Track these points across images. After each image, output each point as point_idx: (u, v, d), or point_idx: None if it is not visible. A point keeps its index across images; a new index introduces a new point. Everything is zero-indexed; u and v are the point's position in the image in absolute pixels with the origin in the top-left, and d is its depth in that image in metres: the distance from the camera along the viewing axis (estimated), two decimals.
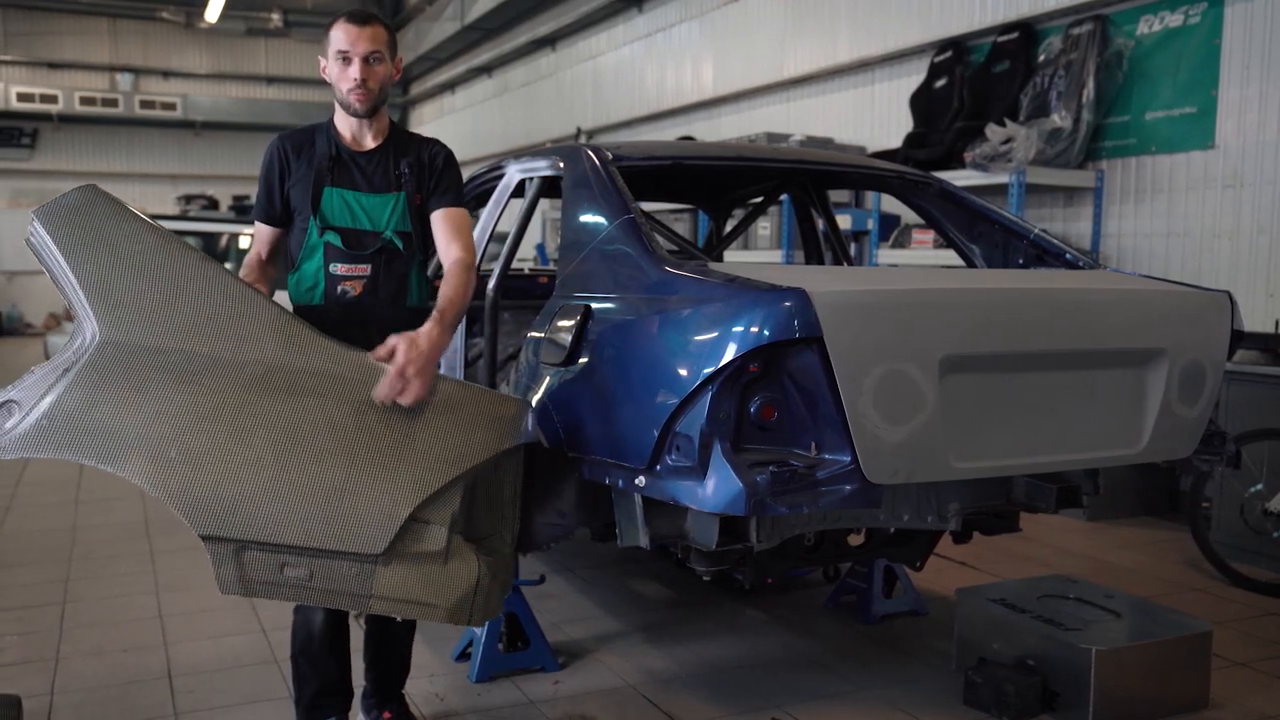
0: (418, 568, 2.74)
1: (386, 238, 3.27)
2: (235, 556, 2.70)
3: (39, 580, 5.30)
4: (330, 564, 2.71)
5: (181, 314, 2.80)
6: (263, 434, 2.70)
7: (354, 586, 2.74)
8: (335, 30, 3.21)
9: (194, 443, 2.70)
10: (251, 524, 2.67)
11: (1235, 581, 5.24)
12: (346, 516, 2.68)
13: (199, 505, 2.67)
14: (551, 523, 3.71)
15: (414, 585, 2.75)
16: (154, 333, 2.79)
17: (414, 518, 2.72)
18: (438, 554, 2.74)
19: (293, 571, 2.71)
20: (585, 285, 3.53)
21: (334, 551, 2.71)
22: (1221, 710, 3.83)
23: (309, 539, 2.68)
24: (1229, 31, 6.63)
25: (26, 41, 22.62)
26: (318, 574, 2.70)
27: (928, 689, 4.00)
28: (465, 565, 2.76)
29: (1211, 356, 3.61)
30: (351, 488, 2.69)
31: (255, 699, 3.88)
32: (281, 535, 2.68)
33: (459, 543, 2.77)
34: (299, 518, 2.67)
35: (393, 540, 2.69)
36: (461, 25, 18.43)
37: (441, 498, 2.74)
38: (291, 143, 3.31)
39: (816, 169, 4.75)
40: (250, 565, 2.71)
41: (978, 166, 7.26)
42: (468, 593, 2.75)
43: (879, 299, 3.04)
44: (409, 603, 2.77)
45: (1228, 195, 6.69)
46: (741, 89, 11.66)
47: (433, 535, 2.73)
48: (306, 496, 2.68)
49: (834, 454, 2.98)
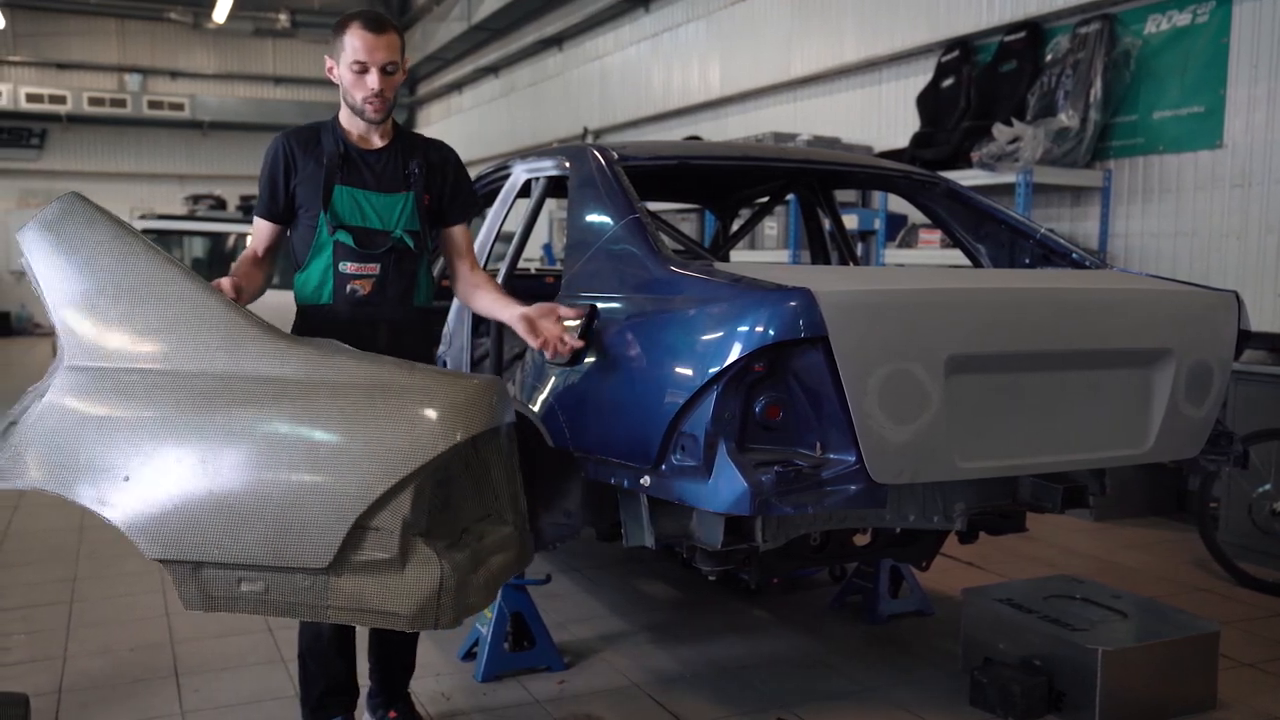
0: (372, 576, 2.62)
1: (397, 236, 3.28)
2: (194, 575, 2.66)
3: (46, 579, 5.31)
4: (284, 578, 2.63)
5: (139, 330, 2.74)
6: (209, 449, 2.62)
7: (310, 598, 2.65)
8: (350, 37, 3.14)
9: (142, 465, 2.64)
10: (200, 545, 2.61)
11: (1243, 581, 5.23)
12: (289, 531, 2.58)
13: (148, 531, 2.62)
14: (557, 522, 3.72)
15: (370, 594, 2.63)
16: (110, 354, 2.74)
17: (361, 525, 2.58)
18: (392, 561, 2.60)
19: (249, 586, 2.65)
20: (591, 285, 3.54)
21: (283, 568, 2.63)
22: (1229, 711, 3.82)
23: (255, 557, 2.60)
24: (1237, 30, 6.61)
25: (35, 42, 22.68)
26: (273, 588, 2.64)
27: (933, 689, 3.99)
28: (425, 569, 2.62)
29: (1219, 356, 3.60)
30: (293, 501, 2.58)
31: (261, 698, 3.89)
32: (229, 555, 2.61)
33: (417, 545, 2.63)
34: (243, 536, 2.59)
35: (338, 552, 2.58)
36: (468, 25, 18.44)
37: (391, 501, 2.58)
38: (297, 140, 3.30)
39: (823, 169, 4.74)
40: (209, 583, 2.66)
41: (985, 166, 7.25)
42: (429, 598, 2.62)
43: (885, 299, 3.03)
44: (367, 612, 2.66)
45: (1236, 195, 6.67)
46: (748, 89, 11.66)
47: (383, 542, 2.60)
48: (249, 513, 2.59)
49: (839, 454, 2.97)
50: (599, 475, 3.33)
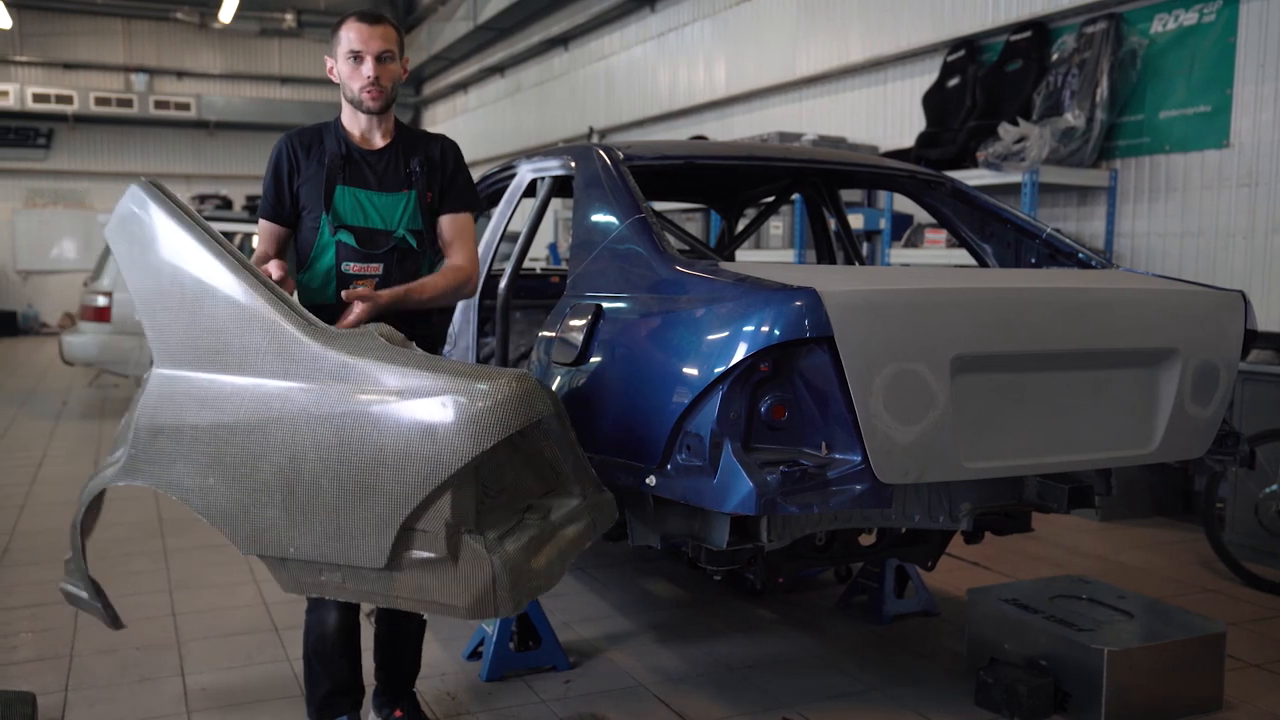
0: (429, 572, 2.71)
1: (399, 236, 3.29)
2: (283, 565, 2.86)
3: (54, 578, 5.30)
4: (353, 572, 2.78)
5: (202, 336, 2.91)
6: (269, 459, 2.78)
7: (380, 589, 2.79)
8: (346, 30, 3.23)
9: (225, 469, 2.84)
10: (278, 546, 2.81)
11: (1249, 582, 5.22)
12: (345, 534, 2.72)
13: (235, 530, 2.86)
14: None
15: (429, 588, 2.73)
16: (187, 357, 2.94)
17: (408, 527, 2.67)
18: (443, 558, 2.68)
19: (329, 577, 2.82)
20: (597, 285, 3.54)
21: (349, 565, 2.77)
22: (1235, 711, 3.81)
23: (325, 556, 2.76)
24: (1244, 29, 6.59)
25: (42, 42, 22.71)
26: (349, 579, 2.80)
27: (939, 689, 3.99)
28: (476, 565, 2.68)
29: (1225, 356, 3.60)
30: (344, 506, 2.71)
31: (267, 697, 3.89)
32: (301, 552, 2.79)
33: (465, 543, 2.67)
34: (308, 538, 2.76)
35: (390, 553, 2.69)
36: (474, 25, 18.44)
37: (431, 506, 2.65)
38: (300, 140, 3.32)
39: (828, 168, 4.74)
40: (296, 572, 2.86)
41: (990, 166, 7.24)
42: (484, 591, 2.68)
43: (890, 298, 3.03)
44: (428, 603, 2.77)
45: (1242, 194, 6.65)
46: (754, 88, 11.65)
47: (430, 542, 2.68)
48: (309, 517, 2.75)
49: (845, 454, 2.97)
50: (604, 475, 3.33)
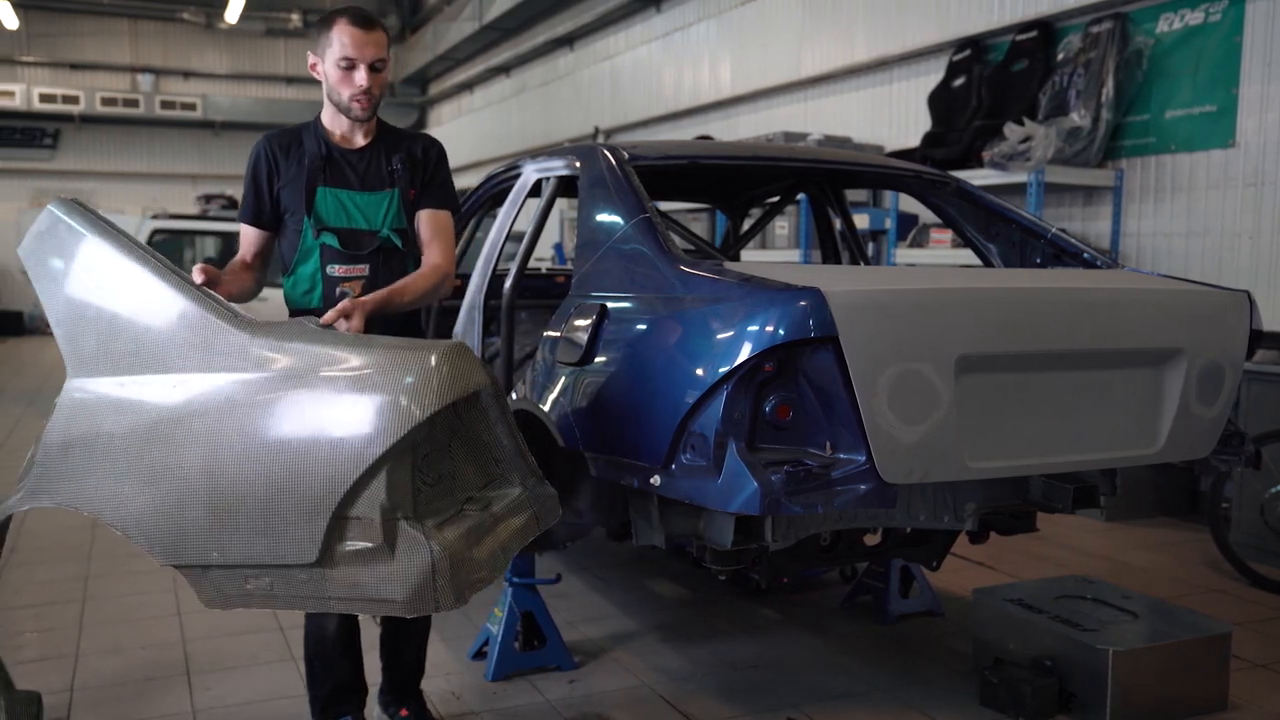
0: (364, 565, 2.58)
1: (384, 236, 3.26)
2: (205, 576, 2.69)
3: (58, 578, 5.34)
4: (285, 574, 2.63)
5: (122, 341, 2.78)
6: (191, 455, 2.63)
7: (311, 590, 2.64)
8: (339, 33, 3.15)
9: (140, 473, 2.68)
10: (201, 551, 2.64)
11: (1255, 582, 5.21)
12: (273, 530, 2.58)
13: (153, 538, 2.67)
14: (567, 521, 3.72)
15: (365, 582, 2.59)
16: (103, 364, 2.79)
17: (341, 516, 2.54)
18: (379, 548, 2.55)
19: (255, 584, 2.67)
20: (601, 285, 3.54)
21: (279, 566, 2.62)
22: (1240, 712, 3.80)
23: (249, 557, 2.61)
24: (1250, 29, 6.58)
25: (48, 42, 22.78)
26: (278, 584, 2.65)
27: (944, 689, 3.99)
28: (414, 553, 2.55)
29: (1230, 356, 3.59)
30: (270, 499, 2.56)
31: (272, 696, 3.90)
32: (229, 557, 2.63)
33: (403, 529, 2.55)
34: (234, 538, 2.61)
35: (322, 545, 2.55)
36: (480, 25, 18.46)
37: (365, 490, 2.52)
38: (279, 143, 3.28)
39: (833, 168, 4.74)
40: (220, 583, 2.69)
41: (996, 166, 7.24)
42: (424, 582, 2.55)
43: (895, 298, 3.03)
44: (364, 601, 2.63)
45: (1248, 194, 6.64)
46: (759, 88, 11.65)
47: (366, 530, 2.55)
48: (234, 515, 2.60)
49: (849, 453, 2.97)
50: (609, 475, 3.33)
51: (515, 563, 4.05)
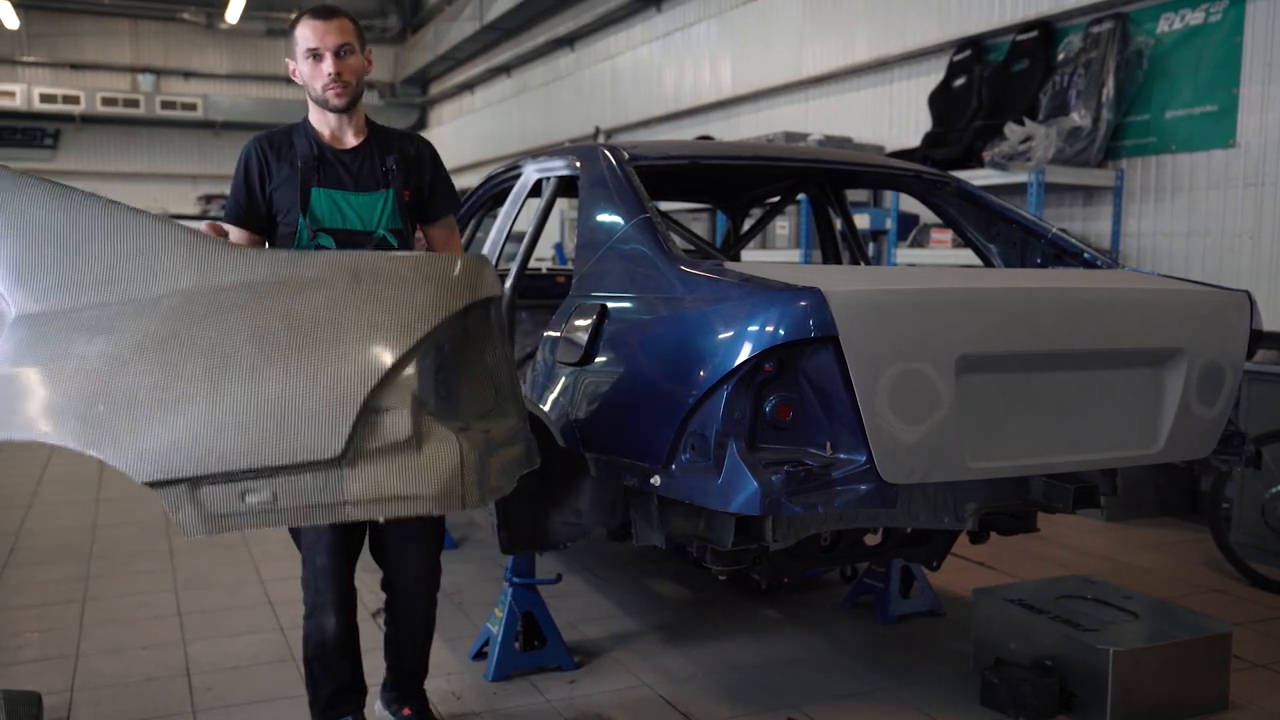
0: (389, 461, 2.50)
1: (380, 236, 3.25)
2: (191, 496, 2.51)
3: (59, 578, 5.34)
4: (293, 480, 2.50)
5: (90, 269, 2.65)
6: (191, 364, 2.51)
7: (325, 497, 2.52)
8: (301, 29, 3.17)
9: (121, 391, 2.52)
10: (198, 458, 2.48)
11: (1255, 582, 5.21)
12: (294, 426, 2.46)
13: (137, 454, 2.49)
14: (568, 521, 3.72)
15: (390, 480, 2.51)
16: (64, 295, 2.64)
17: (369, 408, 2.47)
18: (407, 441, 2.49)
19: (255, 497, 2.51)
20: (601, 285, 3.54)
21: (292, 466, 2.49)
22: (1241, 712, 3.80)
23: (261, 459, 2.47)
24: (1250, 29, 6.58)
25: (49, 43, 22.80)
26: (282, 493, 2.51)
27: (944, 689, 3.98)
28: (443, 446, 2.51)
29: (1230, 356, 3.59)
30: (293, 394, 2.47)
31: (272, 696, 3.90)
32: (232, 462, 2.47)
33: (430, 423, 2.52)
34: (246, 440, 2.47)
35: (349, 438, 2.46)
36: (480, 25, 18.48)
37: (395, 379, 2.49)
38: (270, 143, 3.26)
39: (834, 168, 4.74)
40: (209, 501, 2.51)
41: (996, 166, 7.24)
42: (453, 475, 2.51)
43: (895, 298, 3.03)
44: (389, 499, 2.53)
45: (1249, 194, 6.64)
46: (760, 88, 11.65)
47: (396, 423, 2.48)
48: (248, 416, 2.47)
49: (849, 454, 2.97)
50: (609, 475, 3.33)
51: (515, 563, 4.06)
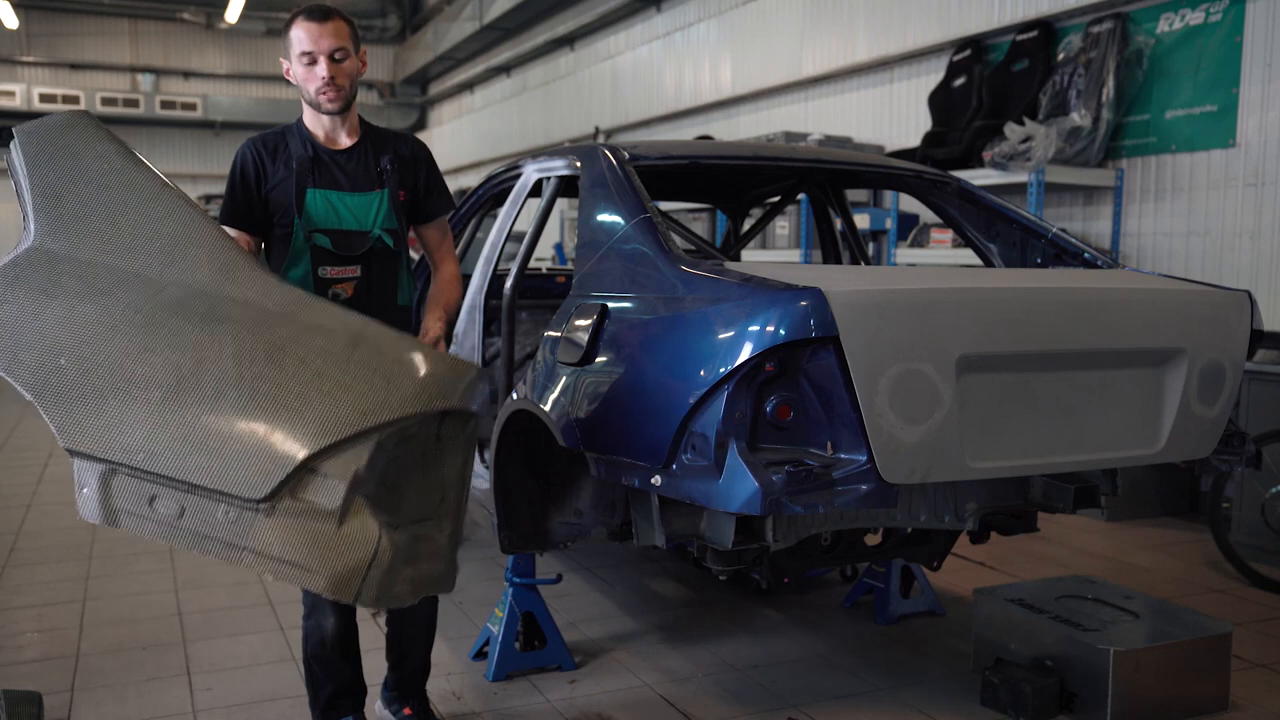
0: (304, 525, 2.40)
1: (375, 236, 3.25)
2: (103, 478, 2.44)
3: (59, 578, 5.34)
4: (205, 505, 2.42)
5: (121, 232, 2.64)
6: (165, 354, 2.47)
7: (227, 534, 2.41)
8: (296, 30, 3.15)
9: (89, 353, 2.47)
10: (127, 446, 2.41)
11: (1256, 582, 5.21)
12: (233, 453, 2.39)
13: (75, 419, 2.43)
14: (568, 521, 3.72)
15: (295, 543, 2.40)
16: (87, 246, 2.62)
17: (310, 467, 2.39)
18: (330, 513, 2.39)
19: (162, 506, 2.42)
20: (602, 285, 3.54)
21: (211, 490, 2.40)
22: (1241, 712, 3.80)
23: (186, 472, 2.39)
24: (1250, 29, 6.59)
25: (48, 43, 22.79)
26: (189, 513, 2.42)
27: (945, 689, 3.99)
28: (363, 533, 2.41)
29: (1231, 356, 3.59)
30: (244, 423, 2.41)
31: (273, 697, 3.90)
32: (156, 463, 2.40)
33: (361, 506, 2.42)
34: (180, 447, 2.40)
35: (278, 487, 2.37)
36: (480, 25, 18.47)
37: (347, 448, 2.40)
38: (264, 145, 3.26)
39: (834, 168, 4.74)
40: (118, 491, 2.44)
41: (997, 165, 7.24)
42: (359, 565, 2.40)
43: (896, 298, 3.02)
44: (285, 563, 2.41)
45: (1249, 194, 6.64)
46: (760, 88, 11.65)
47: (328, 489, 2.40)
48: (193, 425, 2.42)
49: (850, 454, 2.97)
50: (610, 475, 3.33)
51: (516, 562, 4.06)
